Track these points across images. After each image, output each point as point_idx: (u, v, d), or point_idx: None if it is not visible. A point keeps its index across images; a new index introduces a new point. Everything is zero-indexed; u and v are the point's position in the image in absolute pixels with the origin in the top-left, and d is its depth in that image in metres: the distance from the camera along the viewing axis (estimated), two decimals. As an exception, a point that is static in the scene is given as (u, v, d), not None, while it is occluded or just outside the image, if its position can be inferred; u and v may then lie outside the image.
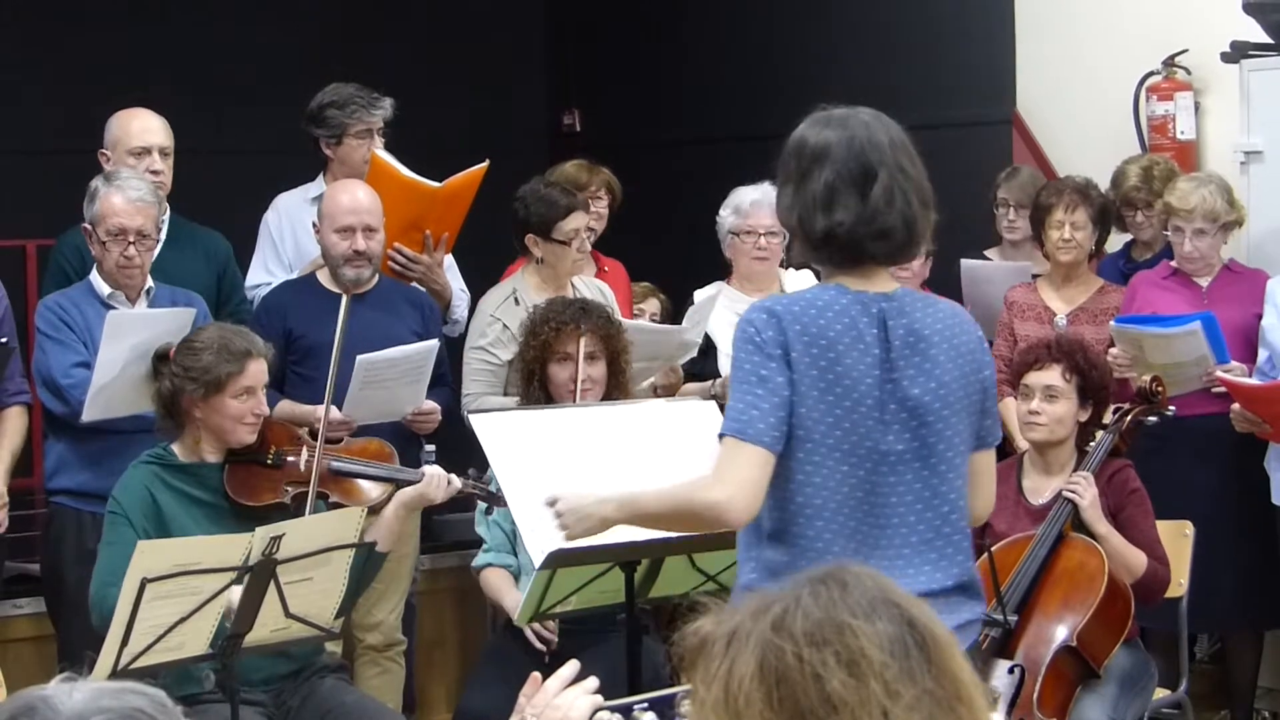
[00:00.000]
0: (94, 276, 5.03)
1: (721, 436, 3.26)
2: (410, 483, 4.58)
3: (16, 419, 5.10)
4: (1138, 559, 4.79)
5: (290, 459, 4.55)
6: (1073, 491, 4.79)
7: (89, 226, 4.96)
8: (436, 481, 4.57)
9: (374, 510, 4.48)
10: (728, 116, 8.36)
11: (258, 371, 4.42)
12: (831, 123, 3.34)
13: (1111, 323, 5.67)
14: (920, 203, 3.33)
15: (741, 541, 3.39)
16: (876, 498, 3.30)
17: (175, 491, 4.38)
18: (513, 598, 4.91)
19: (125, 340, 4.67)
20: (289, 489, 4.49)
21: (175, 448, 4.48)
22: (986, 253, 6.54)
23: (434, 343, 5.28)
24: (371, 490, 4.62)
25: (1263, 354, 5.55)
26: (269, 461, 4.53)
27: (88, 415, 4.80)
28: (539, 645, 4.88)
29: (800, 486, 3.26)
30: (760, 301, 3.36)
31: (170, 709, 1.61)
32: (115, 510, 4.32)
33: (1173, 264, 5.79)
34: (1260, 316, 5.59)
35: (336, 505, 4.50)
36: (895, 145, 3.33)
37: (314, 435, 4.59)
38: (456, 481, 4.61)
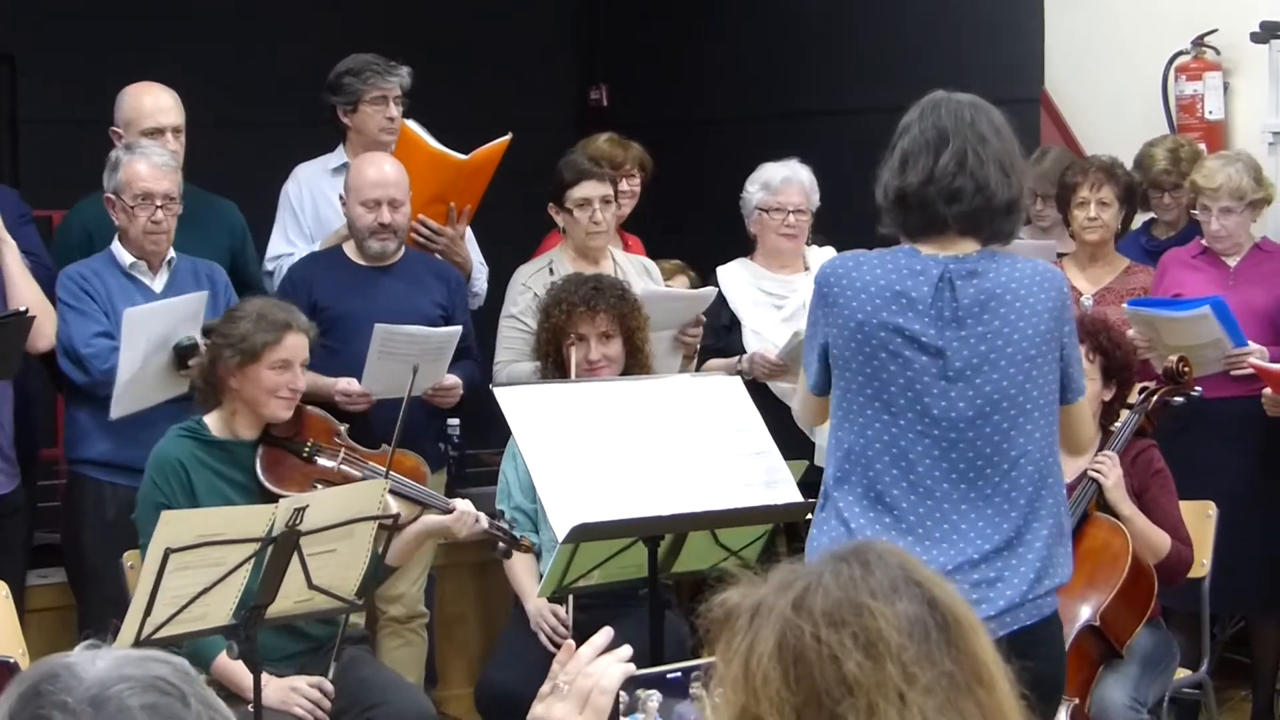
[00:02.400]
0: (115, 246, 5.02)
1: None
2: (438, 509, 4.55)
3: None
4: (1161, 540, 4.78)
5: (323, 459, 4.54)
6: (1097, 471, 4.78)
7: (112, 195, 4.96)
8: (466, 519, 4.54)
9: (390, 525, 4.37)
10: (754, 95, 8.32)
11: (295, 345, 4.42)
12: (924, 101, 3.55)
13: (1124, 305, 5.63)
14: (1001, 171, 3.47)
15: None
16: (918, 453, 3.44)
17: (207, 468, 4.38)
18: (534, 595, 4.91)
19: (143, 334, 4.68)
20: (317, 484, 4.47)
21: (209, 420, 4.47)
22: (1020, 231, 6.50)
23: (456, 329, 5.25)
24: (398, 507, 4.47)
25: (1291, 336, 5.52)
26: (304, 454, 4.52)
27: (115, 412, 4.77)
28: (551, 647, 4.84)
29: (848, 431, 3.49)
30: (836, 256, 3.61)
31: (193, 677, 1.61)
32: (162, 501, 4.23)
33: (1203, 242, 5.75)
34: (1287, 298, 5.56)
35: None
36: (980, 121, 3.50)
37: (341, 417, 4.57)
38: (484, 520, 4.59)
